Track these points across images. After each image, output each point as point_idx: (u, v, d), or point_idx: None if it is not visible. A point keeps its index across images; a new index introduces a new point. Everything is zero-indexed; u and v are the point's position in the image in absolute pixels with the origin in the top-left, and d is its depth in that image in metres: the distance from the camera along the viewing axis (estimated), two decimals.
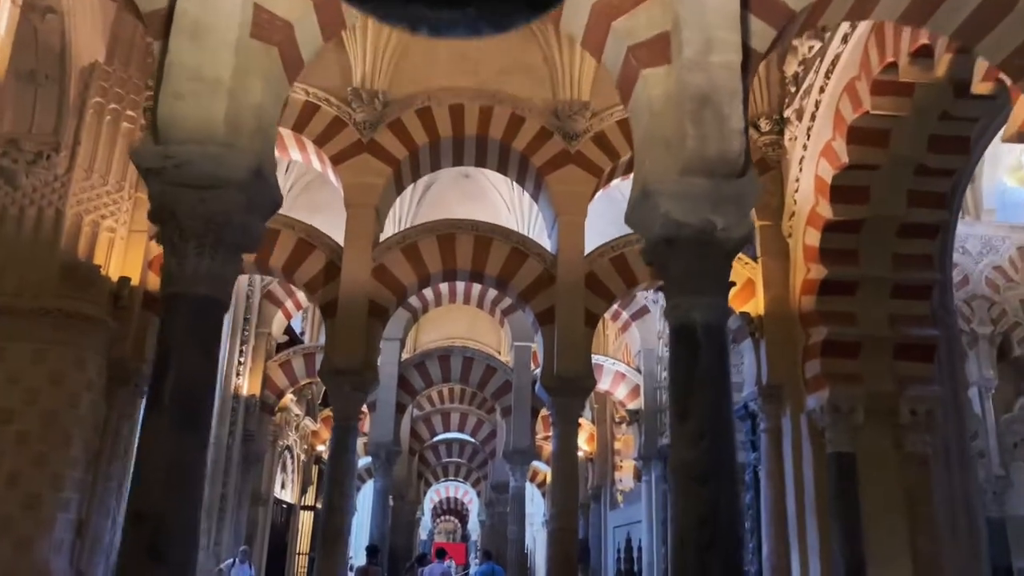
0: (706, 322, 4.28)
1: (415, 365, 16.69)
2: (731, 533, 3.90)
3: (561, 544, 9.38)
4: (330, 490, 9.43)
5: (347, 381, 9.70)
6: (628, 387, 16.73)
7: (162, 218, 4.19)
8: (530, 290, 10.29)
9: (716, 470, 4.00)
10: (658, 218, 4.35)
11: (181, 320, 4.06)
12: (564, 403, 9.89)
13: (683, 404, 4.17)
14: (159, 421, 3.87)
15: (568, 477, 9.71)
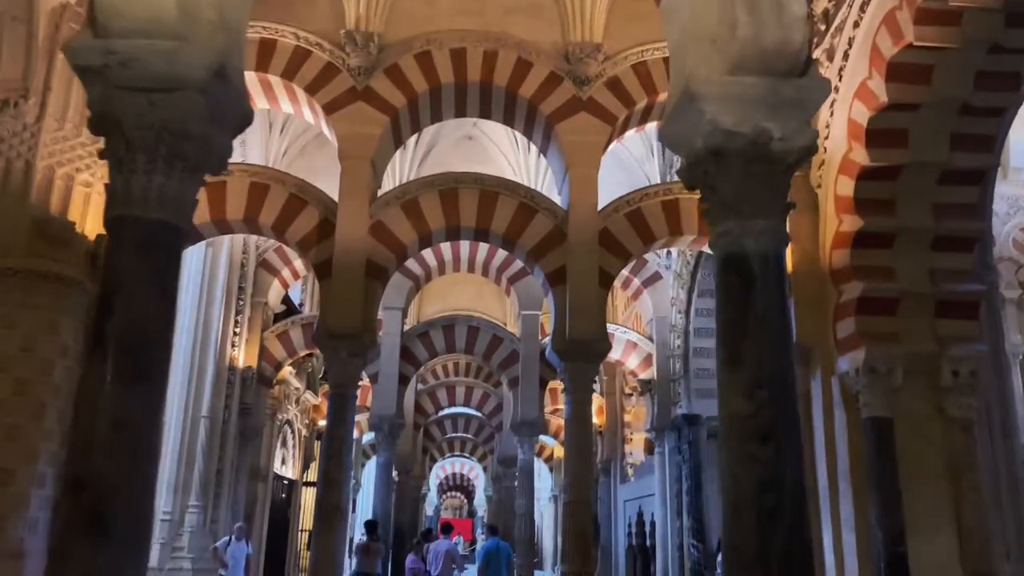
0: (762, 251, 3.57)
1: (418, 335, 16.01)
2: (798, 498, 3.23)
3: (576, 518, 8.74)
4: (327, 463, 8.79)
5: (343, 346, 9.03)
6: (640, 356, 16.05)
7: (105, 128, 3.48)
8: (539, 248, 9.57)
9: (777, 424, 3.31)
10: (702, 127, 3.63)
11: (129, 248, 3.37)
12: (577, 368, 9.20)
13: (735, 348, 3.47)
14: (101, 370, 3.20)
15: (583, 447, 9.06)
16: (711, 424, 14.59)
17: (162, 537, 13.43)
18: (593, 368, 9.36)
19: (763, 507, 3.17)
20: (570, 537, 8.72)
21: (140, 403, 3.21)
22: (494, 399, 21.78)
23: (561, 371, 9.38)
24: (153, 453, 3.32)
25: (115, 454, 3.09)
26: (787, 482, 3.24)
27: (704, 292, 14.81)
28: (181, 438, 13.97)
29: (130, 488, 3.13)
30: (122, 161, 3.44)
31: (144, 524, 3.23)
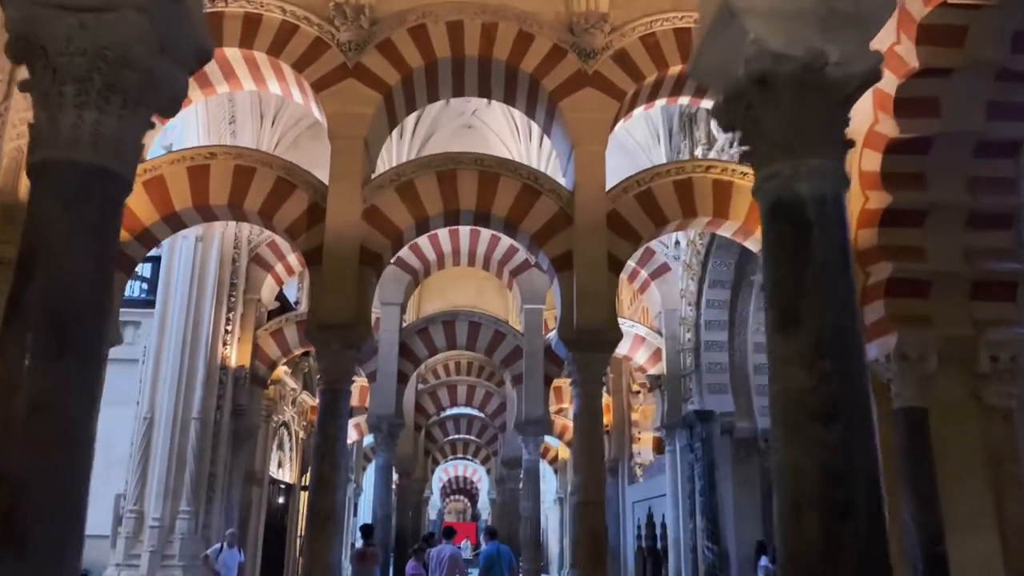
0: (818, 194, 2.98)
1: (417, 332, 15.42)
2: (873, 493, 2.63)
3: (587, 520, 8.14)
4: (319, 463, 8.19)
5: (336, 337, 8.44)
6: (649, 351, 15.44)
7: (27, 54, 2.90)
8: (544, 232, 8.98)
9: (845, 401, 2.72)
10: (745, 51, 3.05)
11: (55, 198, 2.78)
12: (586, 359, 8.61)
13: (790, 310, 2.88)
14: (17, 342, 2.61)
15: (594, 443, 8.45)
16: (725, 420, 13.99)
17: (152, 544, 12.86)
18: (603, 359, 8.76)
19: (832, 504, 2.58)
20: (581, 540, 8.11)
21: (65, 383, 2.62)
22: (497, 399, 21.17)
23: (569, 362, 8.78)
24: (82, 443, 2.72)
25: (33, 444, 2.51)
26: (859, 472, 2.65)
27: (716, 283, 14.21)
28: (171, 441, 13.38)
29: (53, 486, 2.55)
30: (47, 94, 2.86)
31: (69, 532, 2.64)
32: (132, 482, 13.28)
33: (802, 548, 2.65)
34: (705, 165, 9.16)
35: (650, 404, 19.90)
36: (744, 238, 9.34)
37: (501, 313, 21.31)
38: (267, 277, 15.25)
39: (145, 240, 8.78)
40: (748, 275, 14.19)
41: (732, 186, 9.08)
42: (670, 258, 15.50)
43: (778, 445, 2.88)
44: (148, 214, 8.68)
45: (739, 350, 14.51)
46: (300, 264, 15.73)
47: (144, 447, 13.39)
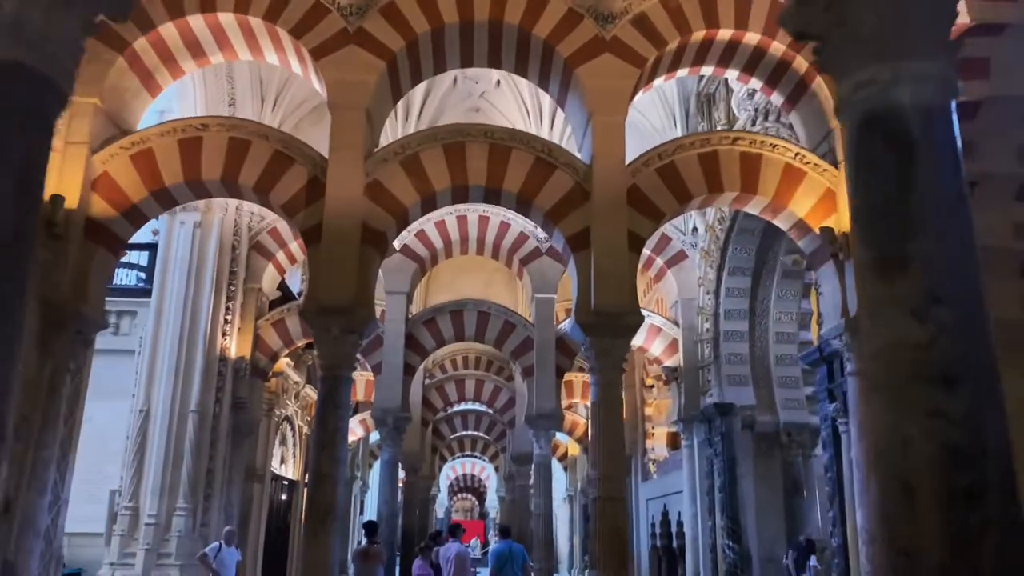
0: (923, 104, 2.39)
1: (424, 322, 14.84)
2: (1007, 474, 2.04)
3: (608, 517, 7.54)
4: (317, 454, 7.61)
5: (335, 321, 7.87)
6: (665, 342, 14.83)
7: None
8: (559, 209, 8.37)
9: (968, 359, 2.12)
10: None
11: None
12: (605, 344, 8.01)
13: (892, 249, 2.29)
14: None
15: (613, 435, 7.85)
16: (745, 414, 13.36)
17: (147, 543, 12.32)
18: (623, 344, 8.15)
19: (956, 488, 1.99)
20: (602, 540, 7.50)
21: None
22: (506, 393, 20.59)
23: (586, 348, 8.18)
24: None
25: None
26: (991, 448, 2.06)
27: (735, 270, 13.58)
28: (168, 435, 12.84)
29: None
30: None
31: None
32: (127, 478, 12.75)
33: (919, 540, 2.05)
34: (732, 136, 8.54)
35: (664, 399, 19.30)
36: (773, 215, 8.72)
37: (510, 306, 20.71)
38: (268, 266, 14.69)
39: (133, 217, 8.21)
40: (769, 261, 13.56)
41: (761, 159, 8.46)
42: (687, 245, 14.88)
43: (876, 411, 2.28)
44: (136, 189, 8.11)
45: (760, 340, 13.88)
46: (303, 252, 15.16)
47: (140, 441, 12.85)
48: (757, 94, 10.84)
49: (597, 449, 7.83)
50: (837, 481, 9.04)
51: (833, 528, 9.11)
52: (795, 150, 8.49)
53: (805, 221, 8.41)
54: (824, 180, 8.40)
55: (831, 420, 9.28)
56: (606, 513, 7.58)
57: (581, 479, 29.22)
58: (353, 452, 25.89)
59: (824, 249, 8.32)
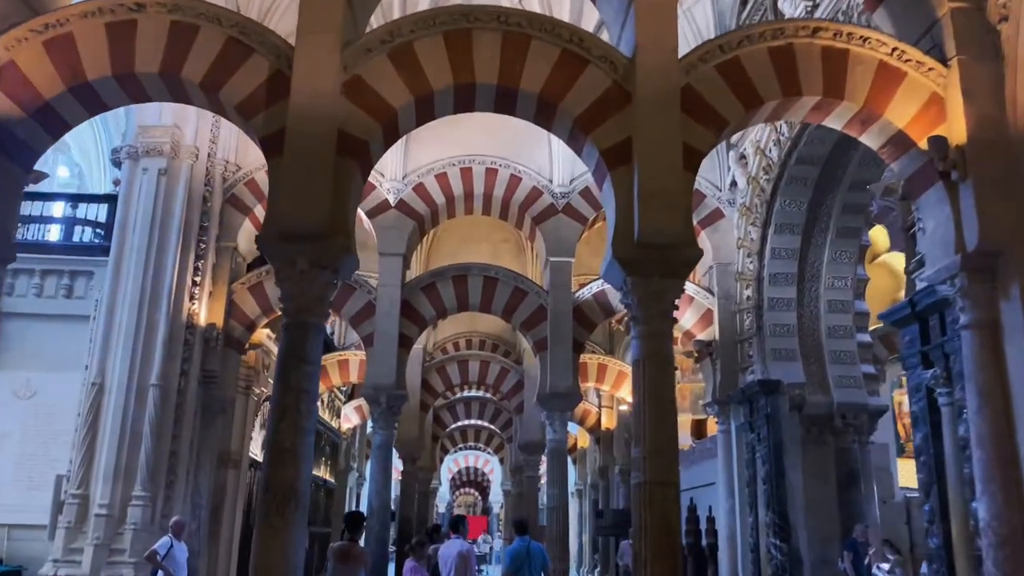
0: None
1: (423, 288, 13.01)
2: None
3: (657, 507, 5.74)
4: (276, 423, 5.82)
5: (302, 251, 6.07)
6: (697, 313, 13.00)
7: None
8: (593, 114, 6.55)
9: None
10: None
11: None
12: (652, 286, 6.19)
13: None
14: None
15: (663, 402, 6.04)
16: (794, 393, 11.53)
17: (96, 536, 10.56)
18: (675, 286, 6.30)
19: None
20: (649, 536, 5.68)
21: None
22: (513, 376, 18.76)
23: (626, 292, 6.35)
24: None
25: None
26: None
27: (783, 227, 11.74)
28: (124, 412, 11.10)
29: None
30: None
31: None
32: (76, 461, 11.00)
33: None
34: (812, 27, 6.69)
35: (688, 382, 17.51)
36: (861, 128, 6.88)
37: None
38: (245, 222, 12.92)
39: (46, 119, 6.41)
40: (822, 218, 11.72)
41: (848, 56, 6.63)
42: (723, 203, 13.06)
43: None
44: (49, 82, 6.31)
45: (809, 309, 12.05)
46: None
47: (92, 419, 11.09)
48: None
49: (641, 420, 6.00)
50: (935, 467, 7.20)
51: (930, 526, 7.26)
52: (892, 44, 6.64)
53: (905, 133, 6.57)
54: (929, 82, 6.56)
55: (925, 391, 7.45)
56: (654, 501, 5.77)
57: (591, 472, 27.42)
58: (348, 442, 24.16)
59: (928, 169, 6.48)
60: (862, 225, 11.89)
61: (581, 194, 13.15)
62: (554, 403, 12.52)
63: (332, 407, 21.46)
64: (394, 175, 13.03)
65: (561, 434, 12.72)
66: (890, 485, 13.68)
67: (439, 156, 13.15)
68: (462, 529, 8.53)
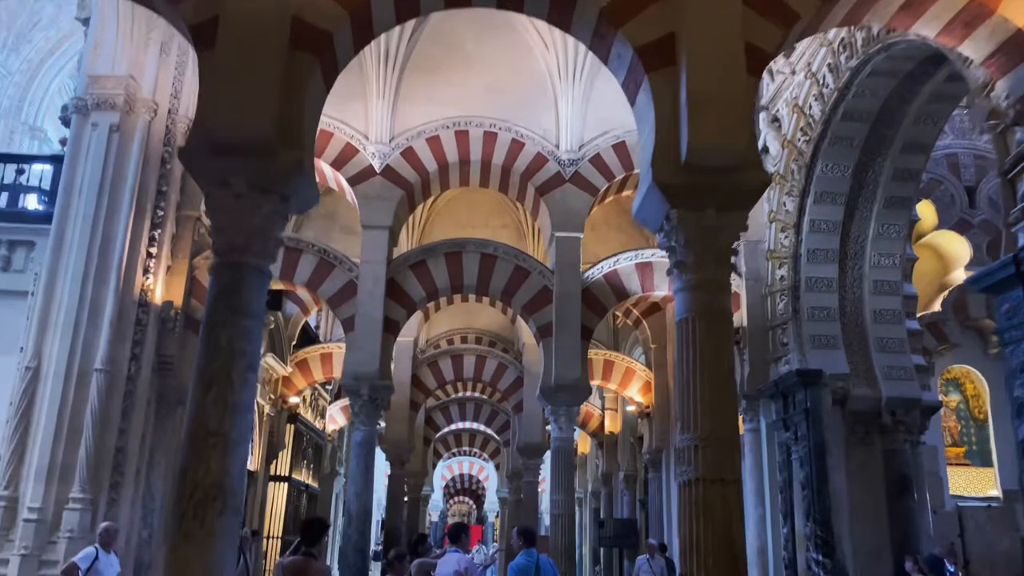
0: None
1: (412, 266, 11.47)
2: None
3: (716, 511, 4.22)
4: (199, 396, 4.29)
5: (239, 168, 4.56)
6: None
7: None
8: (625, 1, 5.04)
9: None
10: None
11: None
12: (703, 222, 4.70)
13: None
14: None
15: (720, 375, 4.54)
16: (836, 385, 10.03)
17: (25, 545, 9.03)
18: (735, 221, 4.79)
19: None
20: (702, 544, 4.16)
21: None
22: (512, 373, 17.23)
23: (668, 232, 4.84)
24: None
25: None
26: None
27: (824, 196, 10.27)
28: (62, 400, 9.58)
29: None
30: None
31: None
32: (5, 457, 9.46)
33: None
34: None
35: None
36: (964, 33, 5.41)
37: None
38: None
39: None
40: (868, 186, 10.25)
41: None
42: None
43: None
44: None
45: (852, 290, 10.56)
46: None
47: (25, 408, 9.58)
48: None
49: (690, 397, 4.49)
50: None
51: None
52: None
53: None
54: None
55: None
56: (711, 506, 4.25)
57: (593, 479, 25.84)
58: (334, 444, 22.58)
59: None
60: (913, 195, 10.42)
61: (592, 161, 11.65)
62: (560, 397, 10.99)
63: (316, 407, 19.89)
64: (379, 137, 11.52)
65: (568, 432, 11.18)
66: (940, 492, 12.13)
67: (431, 117, 11.66)
68: (463, 539, 6.92)
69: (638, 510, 20.24)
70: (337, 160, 11.45)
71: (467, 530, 6.87)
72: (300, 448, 18.21)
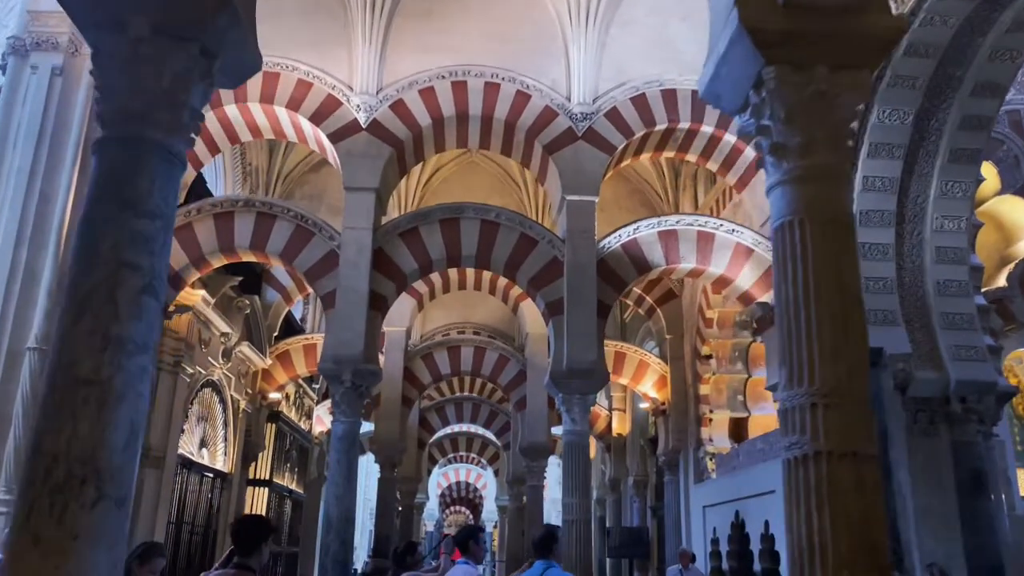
0: None
1: (403, 234, 10.01)
2: None
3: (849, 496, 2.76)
4: (66, 325, 2.83)
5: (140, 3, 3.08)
6: (758, 268, 10.07)
7: None
8: None
9: None
10: None
11: None
12: (811, 85, 3.25)
13: None
14: None
15: (844, 301, 3.09)
16: (897, 368, 8.58)
17: None
18: (856, 83, 3.33)
19: None
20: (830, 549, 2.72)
21: None
22: (514, 365, 15.76)
23: (757, 105, 3.39)
24: None
25: None
26: None
27: (880, 149, 8.84)
28: None
29: None
30: None
31: None
32: None
33: None
34: None
35: (725, 373, 14.51)
36: None
37: None
38: None
39: None
40: (930, 136, 8.83)
41: None
42: None
43: None
44: None
45: (911, 259, 9.11)
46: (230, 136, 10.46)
47: None
48: None
49: (799, 334, 3.06)
50: None
51: None
52: None
53: None
54: None
55: None
56: (839, 490, 2.81)
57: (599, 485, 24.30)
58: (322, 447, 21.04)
59: None
60: (983, 146, 9.00)
61: (607, 116, 10.22)
62: (573, 384, 9.51)
63: (301, 406, 18.38)
64: (365, 87, 10.09)
65: (582, 425, 9.69)
66: (1009, 493, 10.68)
67: (425, 66, 10.23)
68: (474, 547, 5.25)
69: (649, 517, 18.76)
70: (317, 114, 10.01)
71: (479, 535, 5.24)
72: (283, 450, 16.71)
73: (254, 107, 10.10)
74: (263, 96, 10.04)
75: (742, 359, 14.53)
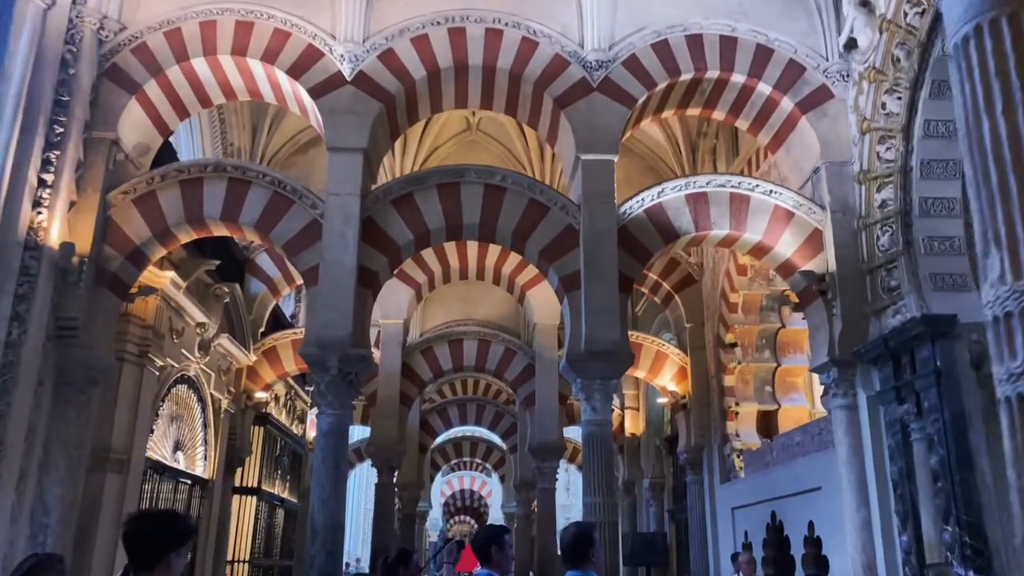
0: None
1: (395, 200, 8.80)
2: None
3: None
4: None
5: None
6: (799, 234, 8.86)
7: None
8: None
9: None
10: None
11: None
12: None
13: None
14: None
15: None
16: (973, 340, 7.37)
17: None
18: None
19: None
20: None
21: None
22: (522, 359, 14.54)
23: None
24: None
25: None
26: None
27: (945, 87, 7.63)
28: None
29: None
30: None
31: None
32: None
33: None
34: None
35: (751, 362, 13.27)
36: None
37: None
38: (131, 102, 8.75)
39: None
40: None
41: None
42: (832, 76, 8.99)
43: None
44: None
45: None
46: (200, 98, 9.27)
47: None
48: None
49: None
50: None
51: None
52: None
53: None
54: None
55: None
56: None
57: None
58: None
59: None
60: None
61: (625, 64, 9.03)
62: (593, 367, 8.28)
63: (292, 409, 17.12)
64: (350, 36, 8.90)
65: (603, 414, 8.43)
66: None
67: (417, 11, 9.05)
68: (496, 555, 3.99)
69: (667, 522, 17.50)
70: (296, 66, 8.83)
71: (504, 537, 3.97)
72: (273, 455, 15.45)
73: (225, 60, 8.93)
74: (235, 48, 8.87)
75: (769, 346, 13.32)
